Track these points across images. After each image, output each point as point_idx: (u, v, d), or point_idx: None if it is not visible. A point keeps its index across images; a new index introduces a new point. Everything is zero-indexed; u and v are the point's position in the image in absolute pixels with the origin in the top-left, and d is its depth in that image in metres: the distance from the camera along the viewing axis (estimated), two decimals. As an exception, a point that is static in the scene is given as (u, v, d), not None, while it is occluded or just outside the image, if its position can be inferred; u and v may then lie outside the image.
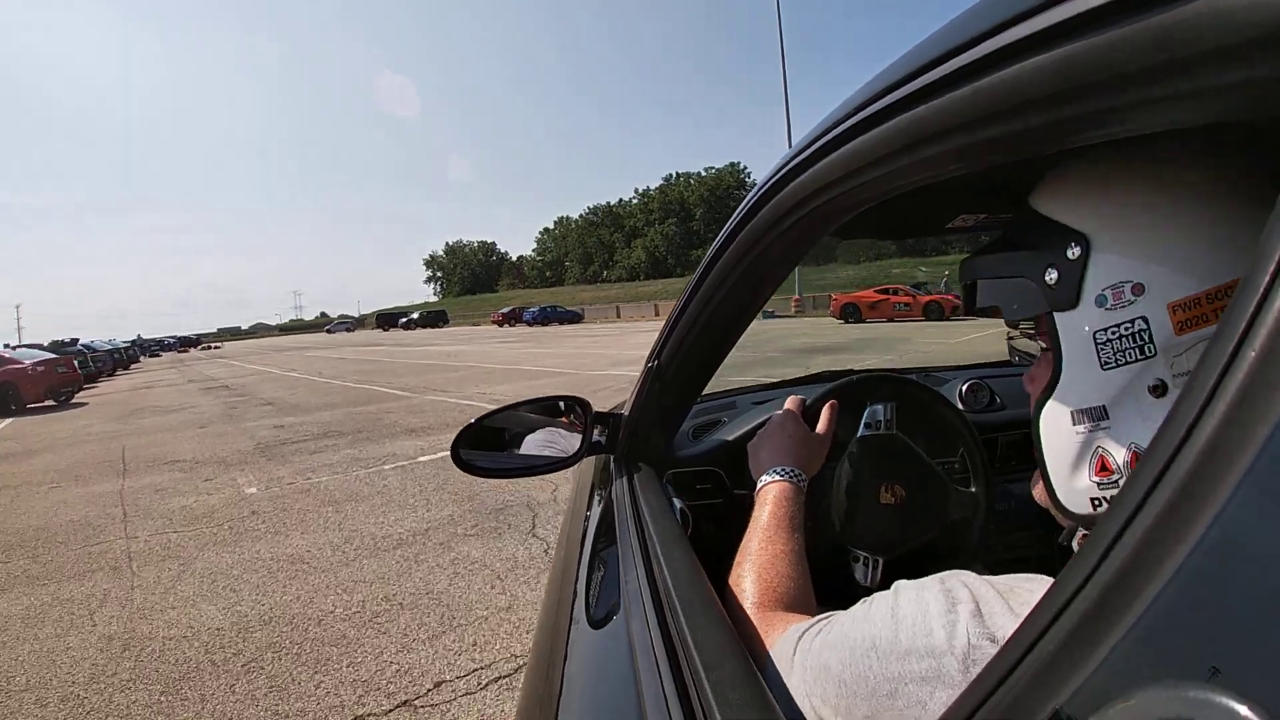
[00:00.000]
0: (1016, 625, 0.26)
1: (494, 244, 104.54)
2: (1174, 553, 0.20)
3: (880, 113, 0.41)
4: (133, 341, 49.63)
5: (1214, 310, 0.38)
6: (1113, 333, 0.42)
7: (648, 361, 0.95)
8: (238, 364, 23.89)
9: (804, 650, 0.49)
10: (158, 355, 48.37)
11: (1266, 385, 0.18)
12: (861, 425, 0.95)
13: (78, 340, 28.57)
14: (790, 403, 0.91)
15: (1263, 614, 0.18)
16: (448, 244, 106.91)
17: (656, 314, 37.02)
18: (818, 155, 0.50)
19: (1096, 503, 0.44)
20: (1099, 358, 0.43)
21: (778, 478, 0.77)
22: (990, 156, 0.37)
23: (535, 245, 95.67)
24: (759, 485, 0.78)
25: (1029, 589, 0.42)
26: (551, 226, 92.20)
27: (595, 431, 1.07)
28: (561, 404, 1.08)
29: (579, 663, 0.72)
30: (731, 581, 0.67)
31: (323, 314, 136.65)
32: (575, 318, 43.57)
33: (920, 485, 0.94)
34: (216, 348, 55.74)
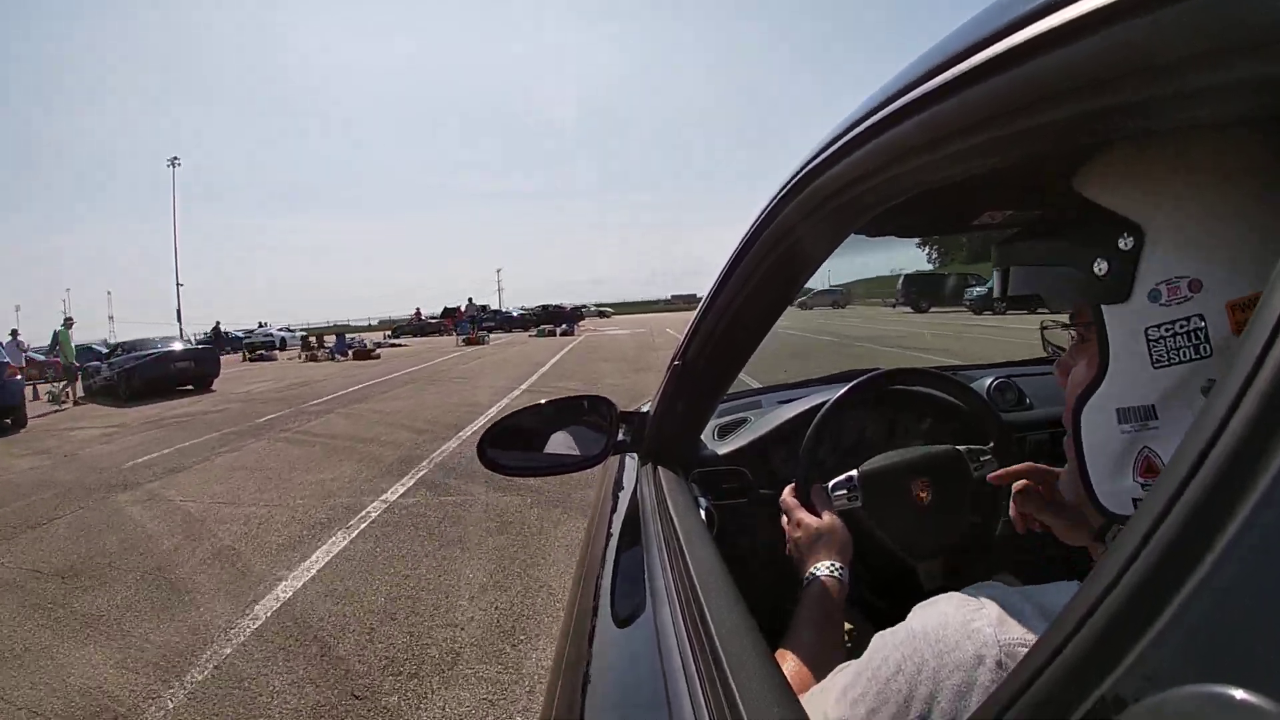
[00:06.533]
0: (1044, 628, 0.26)
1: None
2: (1204, 554, 0.19)
3: (907, 107, 0.41)
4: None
5: None
6: (1166, 330, 0.39)
7: (673, 360, 0.96)
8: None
9: (831, 691, 0.49)
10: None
11: None
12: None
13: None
14: (786, 495, 0.96)
15: None
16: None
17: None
18: (844, 150, 0.49)
19: (1139, 504, 0.42)
20: (1150, 355, 0.40)
21: (820, 574, 0.81)
22: (1018, 151, 0.37)
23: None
24: (805, 581, 0.83)
25: (1054, 594, 0.42)
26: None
27: (620, 430, 1.07)
28: (586, 403, 1.09)
29: (604, 661, 0.73)
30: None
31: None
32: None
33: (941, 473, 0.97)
34: (605, 314, 43.97)
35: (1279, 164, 0.37)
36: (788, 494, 0.95)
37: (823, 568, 0.82)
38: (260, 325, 45.87)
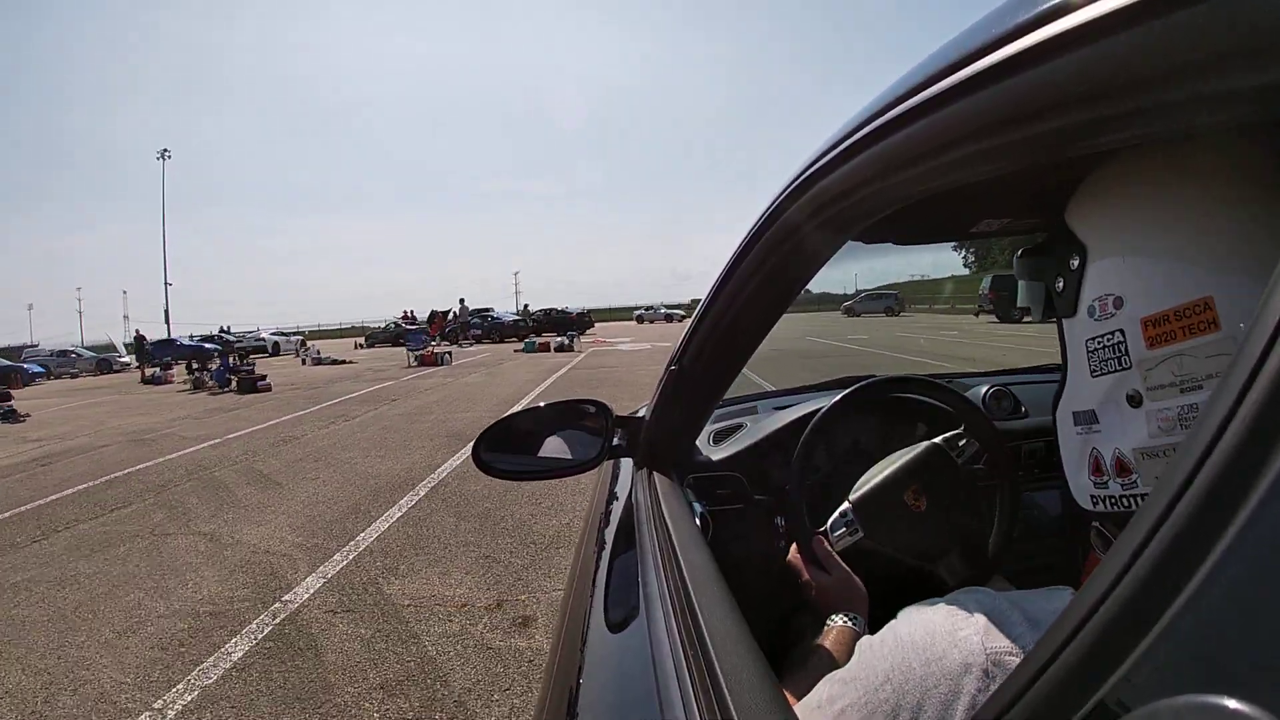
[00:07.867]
0: (1036, 637, 0.26)
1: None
2: (1200, 562, 0.19)
3: (910, 112, 0.40)
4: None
5: (1182, 328, 0.38)
6: (1099, 342, 0.43)
7: (669, 364, 0.96)
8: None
9: (817, 699, 0.49)
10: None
11: None
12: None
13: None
14: (793, 555, 0.96)
15: None
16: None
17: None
18: (845, 156, 0.49)
19: (1095, 500, 0.45)
20: (1089, 365, 0.44)
21: (838, 622, 0.83)
22: (1020, 158, 0.37)
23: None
24: (827, 624, 0.85)
25: (1042, 601, 0.42)
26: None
27: (616, 435, 1.07)
28: (582, 407, 1.08)
29: (597, 666, 0.72)
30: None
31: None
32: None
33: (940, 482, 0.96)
34: (672, 318, 40.11)
35: (1223, 181, 0.38)
36: (794, 555, 0.95)
37: (839, 618, 0.83)
38: (222, 330, 35.87)
